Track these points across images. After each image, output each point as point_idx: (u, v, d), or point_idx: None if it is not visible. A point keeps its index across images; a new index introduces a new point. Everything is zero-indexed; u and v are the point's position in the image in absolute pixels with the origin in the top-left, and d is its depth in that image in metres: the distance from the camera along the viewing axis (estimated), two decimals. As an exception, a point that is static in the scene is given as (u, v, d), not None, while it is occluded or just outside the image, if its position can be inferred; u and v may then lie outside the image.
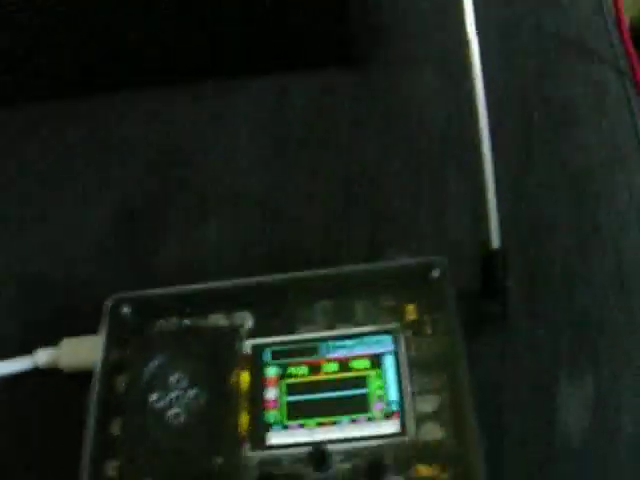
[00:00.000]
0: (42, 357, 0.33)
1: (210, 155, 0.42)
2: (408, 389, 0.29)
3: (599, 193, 0.37)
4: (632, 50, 0.45)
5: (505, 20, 0.46)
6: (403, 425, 0.28)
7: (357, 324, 0.31)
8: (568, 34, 0.46)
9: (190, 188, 0.40)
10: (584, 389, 0.31)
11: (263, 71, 0.45)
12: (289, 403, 0.29)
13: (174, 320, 0.32)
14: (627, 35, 0.45)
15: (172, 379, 0.30)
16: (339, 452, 0.27)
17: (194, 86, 0.45)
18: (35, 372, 0.34)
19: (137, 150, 0.42)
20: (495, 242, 0.30)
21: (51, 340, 0.34)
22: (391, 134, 0.41)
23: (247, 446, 0.28)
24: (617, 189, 0.38)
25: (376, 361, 0.29)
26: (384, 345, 0.30)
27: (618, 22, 0.46)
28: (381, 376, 0.29)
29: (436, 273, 0.31)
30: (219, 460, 0.28)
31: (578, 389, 0.31)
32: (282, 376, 0.30)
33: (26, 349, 0.34)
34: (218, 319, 0.32)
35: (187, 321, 0.32)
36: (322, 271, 0.32)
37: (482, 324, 0.32)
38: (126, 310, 0.32)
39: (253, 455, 0.28)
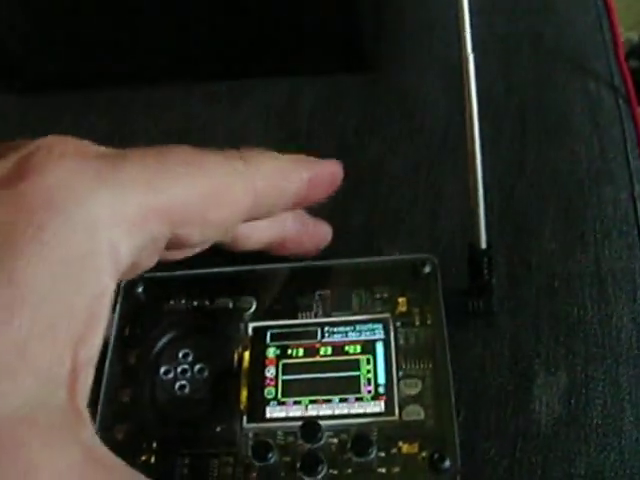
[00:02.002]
0: None
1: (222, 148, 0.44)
2: (395, 374, 0.30)
3: (586, 202, 0.39)
4: (626, 67, 0.47)
5: (506, 34, 0.48)
6: (388, 406, 0.30)
7: (352, 313, 0.33)
8: (566, 50, 0.47)
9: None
10: (558, 382, 0.33)
11: (275, 73, 0.46)
12: (285, 381, 0.31)
13: (183, 301, 0.34)
14: (621, 52, 0.47)
15: (180, 354, 0.32)
16: (329, 427, 0.29)
17: (209, 84, 0.47)
18: None
19: (154, 142, 0.44)
20: (482, 243, 0.32)
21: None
22: (393, 136, 0.43)
23: (245, 418, 0.30)
24: (603, 200, 0.39)
25: (368, 347, 0.31)
26: (376, 333, 0.32)
27: (614, 40, 0.48)
28: (371, 361, 0.31)
29: (427, 269, 0.33)
30: (219, 429, 0.30)
31: (553, 382, 0.32)
32: (280, 357, 0.32)
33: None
34: (224, 302, 0.33)
35: (195, 302, 0.34)
36: (322, 262, 0.34)
37: (468, 319, 0.34)
38: (139, 290, 0.34)
39: (251, 426, 0.30)
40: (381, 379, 0.31)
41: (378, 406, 0.30)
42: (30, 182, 0.23)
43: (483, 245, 0.32)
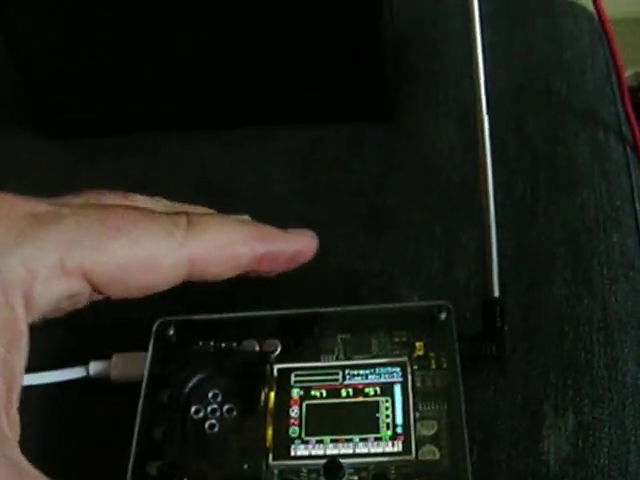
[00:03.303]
0: (95, 368, 0.37)
1: (246, 194, 0.45)
2: (412, 415, 0.32)
3: (594, 250, 0.40)
4: (634, 118, 0.49)
5: (518, 85, 0.50)
6: (406, 446, 0.31)
7: (372, 356, 0.34)
8: (576, 100, 0.49)
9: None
10: (566, 424, 0.34)
11: (298, 120, 0.48)
12: (309, 421, 0.32)
13: (212, 343, 0.35)
14: (629, 103, 0.49)
15: (209, 394, 0.33)
16: (350, 465, 0.31)
17: (233, 130, 0.48)
18: (87, 380, 0.37)
19: (182, 188, 0.45)
20: (495, 292, 0.34)
21: (102, 354, 0.37)
22: (412, 184, 0.44)
23: (271, 456, 0.32)
24: (611, 247, 0.41)
25: (387, 389, 0.33)
26: (394, 376, 0.33)
27: (621, 91, 0.50)
28: (390, 402, 0.32)
29: (443, 316, 0.34)
30: (246, 466, 0.31)
31: (561, 423, 0.34)
32: (304, 397, 0.33)
33: (80, 361, 0.37)
34: (250, 345, 0.35)
35: (223, 344, 0.35)
36: (344, 308, 0.36)
37: (481, 363, 0.35)
38: (171, 332, 0.36)
39: (276, 464, 0.31)
40: (399, 420, 0.32)
41: (396, 446, 0.31)
42: None
43: (496, 294, 0.34)
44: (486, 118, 0.32)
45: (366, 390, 0.33)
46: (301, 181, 0.46)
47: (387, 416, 0.32)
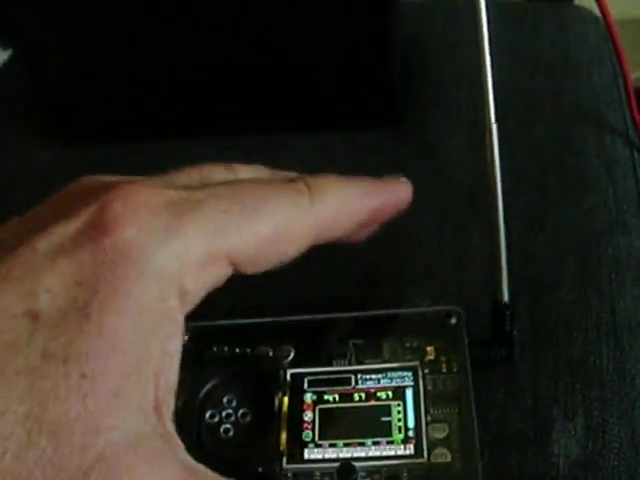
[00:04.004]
0: None
1: None
2: (423, 418, 0.32)
3: (602, 254, 0.41)
4: (640, 122, 0.49)
5: (526, 90, 0.50)
6: (418, 449, 0.31)
7: (383, 360, 0.34)
8: (584, 105, 0.50)
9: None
10: (576, 427, 0.34)
11: (309, 127, 0.49)
12: (322, 425, 0.33)
13: (227, 348, 0.36)
14: (635, 107, 0.50)
15: (224, 399, 0.34)
16: (362, 468, 0.31)
17: (244, 138, 0.48)
18: None
19: None
20: (505, 297, 0.34)
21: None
22: (423, 192, 0.43)
23: (285, 459, 0.32)
24: (618, 251, 0.41)
25: (398, 393, 0.33)
26: (406, 380, 0.33)
27: (628, 95, 0.50)
28: (401, 406, 0.33)
29: (453, 320, 0.35)
30: (261, 469, 0.31)
31: (571, 427, 0.34)
32: (317, 402, 0.33)
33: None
34: (264, 350, 0.35)
35: (237, 350, 0.36)
36: (356, 314, 0.36)
37: (491, 367, 0.36)
38: (186, 338, 0.36)
39: (290, 467, 0.32)
40: (411, 423, 0.32)
41: (408, 449, 0.32)
42: (109, 237, 0.25)
43: (505, 299, 0.34)
44: (495, 127, 0.32)
45: (378, 394, 0.33)
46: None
47: (399, 419, 0.32)
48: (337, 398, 0.34)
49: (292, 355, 0.35)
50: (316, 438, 0.33)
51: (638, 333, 0.38)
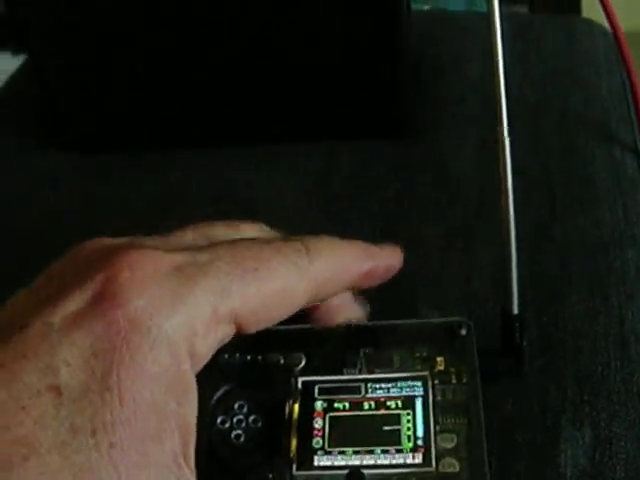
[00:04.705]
0: None
1: (262, 210, 0.45)
2: (432, 428, 0.32)
3: (610, 266, 0.40)
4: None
5: (535, 102, 0.50)
6: (427, 458, 0.31)
7: (394, 370, 0.34)
8: (593, 117, 0.49)
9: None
10: (583, 437, 0.34)
11: (315, 137, 0.48)
12: (332, 432, 0.32)
13: (238, 356, 0.35)
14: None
15: (235, 406, 0.33)
16: (371, 476, 0.31)
17: (250, 147, 0.48)
18: None
19: (196, 205, 0.46)
20: (515, 309, 0.34)
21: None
22: (429, 202, 0.44)
23: (295, 466, 0.31)
24: (626, 263, 0.40)
25: (408, 403, 0.32)
26: (415, 390, 0.33)
27: (637, 107, 0.49)
28: (411, 416, 0.32)
29: (463, 332, 0.34)
30: (271, 476, 0.31)
31: (578, 437, 0.34)
32: (327, 410, 0.33)
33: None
34: (275, 357, 0.35)
35: (249, 357, 0.35)
36: (367, 323, 0.36)
37: (500, 377, 0.35)
38: None
39: (300, 474, 0.31)
40: (420, 433, 0.32)
41: (417, 458, 0.31)
42: (120, 309, 0.25)
43: (515, 311, 0.33)
44: (507, 140, 0.32)
45: (388, 403, 0.33)
46: (318, 196, 0.46)
47: (408, 428, 0.32)
48: (347, 406, 0.33)
49: (303, 363, 0.35)
50: (326, 445, 0.32)
51: (645, 344, 0.37)
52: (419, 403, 0.33)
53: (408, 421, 0.32)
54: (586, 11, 1.02)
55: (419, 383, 0.33)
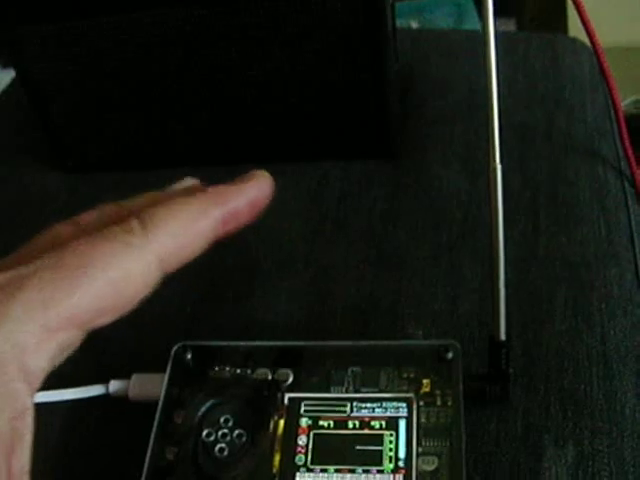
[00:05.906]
0: (114, 386, 0.36)
1: (254, 230, 0.43)
2: (414, 450, 0.30)
3: (593, 285, 0.39)
4: (632, 154, 0.47)
5: (520, 121, 0.48)
6: (407, 479, 0.30)
7: (380, 390, 0.33)
8: (577, 136, 0.48)
9: (242, 259, 0.43)
10: (567, 455, 0.32)
11: (307, 157, 0.47)
12: (315, 450, 0.31)
13: (227, 369, 0.34)
14: (627, 139, 0.47)
15: (221, 419, 0.32)
16: None
17: (243, 167, 0.47)
18: (106, 398, 0.36)
19: None
20: (502, 335, 0.32)
21: (122, 374, 0.36)
22: (416, 224, 0.43)
23: None
24: (609, 281, 0.39)
25: (392, 423, 0.31)
26: (400, 411, 0.32)
27: (619, 126, 0.48)
28: (394, 436, 0.31)
29: (450, 355, 0.33)
30: None
31: (561, 455, 0.32)
32: (312, 427, 0.32)
33: (100, 379, 0.36)
34: (264, 373, 0.34)
35: (238, 371, 0.34)
36: (355, 342, 0.34)
37: (485, 401, 0.34)
38: (188, 356, 0.35)
39: None
40: (402, 454, 0.31)
41: (398, 479, 0.30)
42: None
43: (502, 337, 0.32)
44: (499, 168, 0.30)
45: (372, 423, 0.32)
46: (308, 217, 0.45)
47: (390, 449, 0.31)
48: (332, 424, 0.32)
49: (290, 379, 0.34)
50: (308, 463, 0.31)
51: (628, 363, 0.36)
52: (403, 424, 0.32)
53: (391, 442, 0.31)
54: (572, 29, 1.01)
55: (404, 404, 0.32)
